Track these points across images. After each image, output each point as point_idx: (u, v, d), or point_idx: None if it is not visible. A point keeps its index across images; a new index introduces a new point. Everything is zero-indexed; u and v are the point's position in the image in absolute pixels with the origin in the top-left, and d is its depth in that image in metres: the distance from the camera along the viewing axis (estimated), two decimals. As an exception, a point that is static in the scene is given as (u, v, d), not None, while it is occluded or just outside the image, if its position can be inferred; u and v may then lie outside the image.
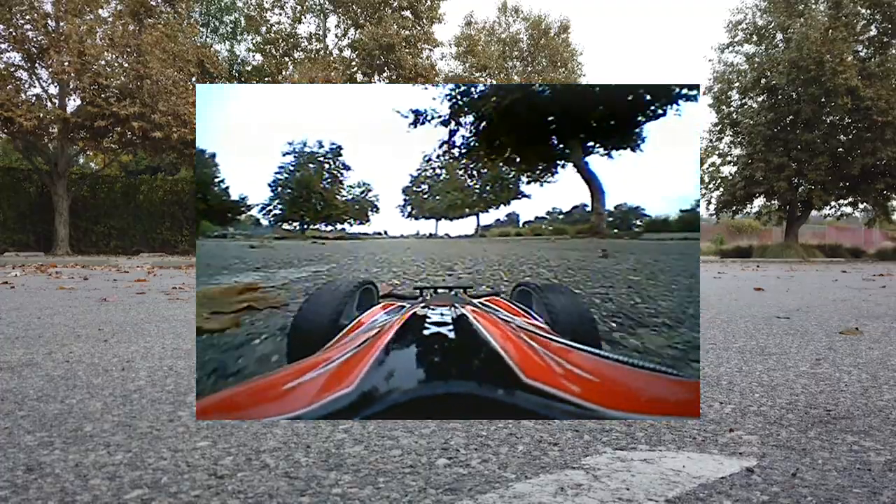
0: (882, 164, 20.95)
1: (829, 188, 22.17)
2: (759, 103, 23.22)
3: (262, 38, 23.26)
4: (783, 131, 22.50)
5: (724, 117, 24.03)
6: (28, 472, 0.99)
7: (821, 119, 21.47)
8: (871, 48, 21.68)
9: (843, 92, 19.99)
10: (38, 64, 15.83)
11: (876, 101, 19.96)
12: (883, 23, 21.12)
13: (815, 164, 21.38)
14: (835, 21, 20.31)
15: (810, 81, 20.55)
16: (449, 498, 0.90)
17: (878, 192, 22.23)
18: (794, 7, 21.68)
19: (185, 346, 2.27)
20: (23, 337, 2.48)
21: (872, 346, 2.36)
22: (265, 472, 1.00)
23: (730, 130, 24.09)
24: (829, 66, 19.79)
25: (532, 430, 1.23)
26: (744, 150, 23.58)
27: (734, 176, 23.92)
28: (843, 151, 21.94)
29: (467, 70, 26.73)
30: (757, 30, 23.03)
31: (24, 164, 18.50)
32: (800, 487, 0.94)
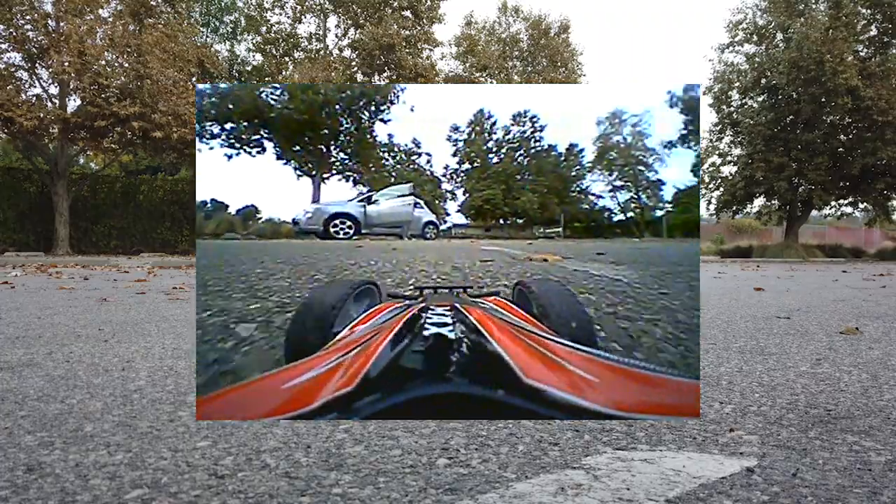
0: (882, 163, 20.96)
1: (829, 188, 22.17)
2: (759, 103, 23.22)
3: (262, 38, 23.26)
4: (783, 131, 22.50)
5: (725, 117, 24.03)
6: (28, 472, 0.99)
7: (821, 119, 21.47)
8: (872, 48, 21.68)
9: (843, 92, 19.99)
10: (39, 64, 15.83)
11: (876, 100, 19.96)
12: (883, 23, 21.11)
13: (816, 163, 21.38)
14: (835, 21, 20.30)
15: (810, 81, 20.55)
16: (449, 498, 0.90)
17: (879, 192, 22.23)
18: (795, 7, 21.69)
19: (185, 346, 2.27)
20: (23, 337, 2.48)
21: (872, 345, 2.36)
22: (265, 472, 1.00)
23: (730, 130, 24.10)
24: (830, 65, 19.79)
25: (532, 430, 1.23)
26: (744, 150, 23.58)
27: (734, 176, 23.92)
28: (843, 151, 21.94)
29: (467, 70, 26.75)
30: (757, 30, 23.03)
31: (24, 164, 18.51)
32: (800, 487, 0.94)
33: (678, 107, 35.18)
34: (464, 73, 26.51)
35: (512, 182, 41.33)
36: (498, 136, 43.10)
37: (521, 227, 42.30)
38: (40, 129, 15.36)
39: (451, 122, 49.72)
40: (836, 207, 24.11)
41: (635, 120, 39.97)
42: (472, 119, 42.84)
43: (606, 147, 38.93)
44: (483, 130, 43.05)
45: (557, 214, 38.17)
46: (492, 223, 43.03)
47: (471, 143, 42.85)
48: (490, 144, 43.04)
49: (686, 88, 34.77)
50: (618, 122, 39.42)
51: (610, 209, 38.78)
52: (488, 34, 28.40)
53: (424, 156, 43.26)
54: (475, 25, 28.21)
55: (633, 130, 38.58)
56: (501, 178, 41.47)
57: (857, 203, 24.05)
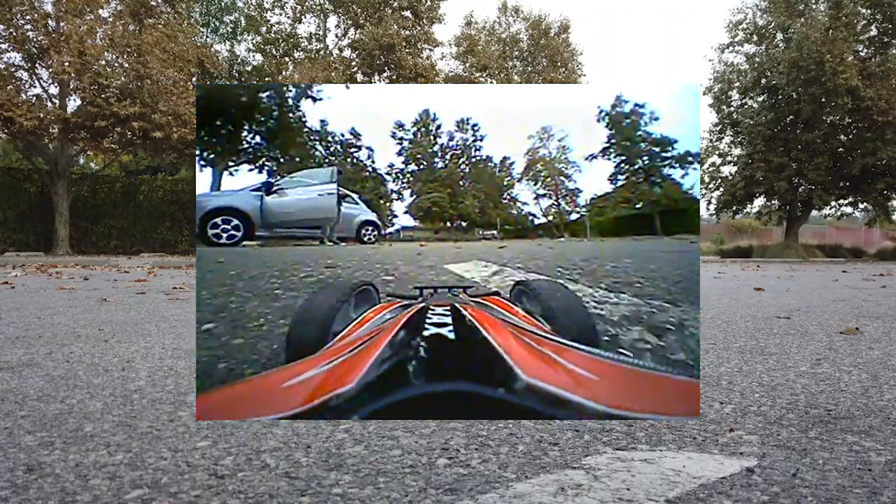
0: (882, 163, 20.96)
1: (829, 188, 22.18)
2: (759, 103, 23.23)
3: (262, 38, 23.26)
4: (783, 131, 22.51)
5: (725, 117, 24.04)
6: (28, 472, 0.99)
7: (821, 119, 21.47)
8: (872, 48, 21.68)
9: (843, 92, 19.99)
10: (39, 64, 15.83)
11: (876, 101, 19.96)
12: (883, 23, 21.11)
13: (816, 163, 21.39)
14: (835, 21, 20.30)
15: (810, 81, 20.56)
16: (449, 498, 0.90)
17: (879, 192, 22.24)
18: (795, 7, 21.69)
19: (185, 346, 2.27)
20: (23, 337, 2.48)
21: (872, 346, 2.36)
22: (265, 472, 1.00)
23: (730, 130, 24.11)
24: (830, 66, 19.79)
25: (532, 430, 1.23)
26: (744, 150, 23.59)
27: (734, 176, 23.93)
28: (843, 151, 21.95)
29: (467, 70, 26.74)
30: (757, 30, 23.03)
31: (25, 164, 18.51)
32: (800, 487, 0.94)
33: (604, 121, 38.87)
34: (464, 73, 26.50)
35: (456, 187, 42.93)
36: (443, 141, 43.91)
37: (465, 230, 45.42)
38: (40, 129, 15.36)
39: (395, 119, 49.85)
40: (836, 207, 24.12)
41: (562, 135, 46.08)
42: (417, 118, 42.71)
43: (535, 160, 44.21)
44: (428, 132, 42.93)
45: (494, 219, 43.24)
46: (440, 226, 44.22)
47: (417, 144, 42.78)
48: (436, 149, 43.50)
49: (614, 104, 38.59)
50: (546, 136, 44.34)
51: (533, 214, 45.04)
52: (488, 34, 28.40)
53: (365, 150, 41.34)
54: (475, 25, 28.21)
55: (559, 145, 43.78)
56: (447, 182, 42.34)
57: (857, 203, 24.06)
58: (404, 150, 43.22)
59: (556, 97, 54.77)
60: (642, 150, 36.92)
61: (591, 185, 62.96)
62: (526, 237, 38.16)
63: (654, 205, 34.01)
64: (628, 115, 37.86)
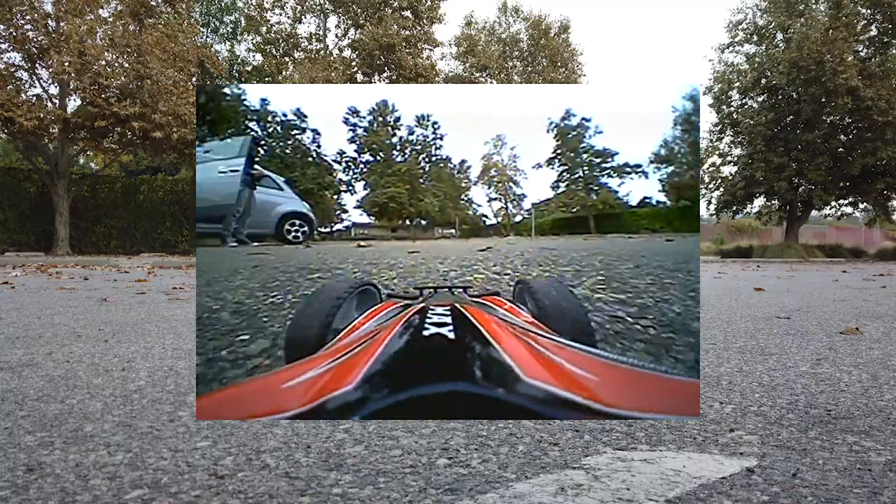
0: (882, 164, 20.96)
1: (829, 188, 22.18)
2: (759, 103, 23.23)
3: (262, 38, 23.27)
4: (783, 131, 22.51)
5: (725, 117, 24.04)
6: (28, 472, 0.99)
7: (821, 119, 21.47)
8: (872, 48, 21.68)
9: (843, 92, 19.99)
10: (39, 64, 15.83)
11: (876, 101, 19.96)
12: (883, 23, 21.12)
13: (816, 164, 21.39)
14: (835, 21, 20.31)
15: (810, 81, 20.56)
16: (449, 498, 0.90)
17: (879, 192, 22.24)
18: (795, 7, 21.69)
19: (185, 346, 2.27)
20: (23, 337, 2.48)
21: (873, 346, 2.36)
22: (265, 472, 1.00)
23: (730, 130, 24.10)
24: (830, 66, 19.80)
25: (532, 430, 1.23)
26: (744, 150, 23.59)
27: (734, 176, 23.94)
28: (843, 151, 21.95)
29: (467, 70, 26.75)
30: (757, 30, 23.04)
31: (25, 164, 18.51)
32: (800, 487, 0.94)
33: (552, 132, 42.41)
34: (464, 74, 26.51)
35: (416, 184, 41.54)
36: (402, 135, 42.22)
37: (424, 229, 46.00)
38: (40, 129, 15.37)
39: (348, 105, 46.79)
40: (836, 207, 24.13)
41: (514, 144, 51.92)
42: (374, 107, 40.53)
43: (489, 166, 47.84)
44: (386, 123, 40.82)
45: (453, 218, 45.42)
46: (398, 224, 43.18)
47: (373, 133, 40.43)
48: (395, 140, 41.68)
49: (563, 117, 41.88)
50: (500, 143, 47.95)
51: (486, 215, 48.87)
52: (488, 34, 28.41)
53: (310, 132, 37.13)
54: (475, 25, 28.22)
55: (511, 153, 47.66)
56: (406, 177, 40.39)
57: (857, 203, 24.07)
58: (358, 138, 40.31)
59: (557, 97, 56.37)
60: (584, 160, 41.23)
61: (536, 190, 71.07)
62: (480, 235, 41.14)
63: (591, 209, 39.90)
64: (575, 127, 41.59)
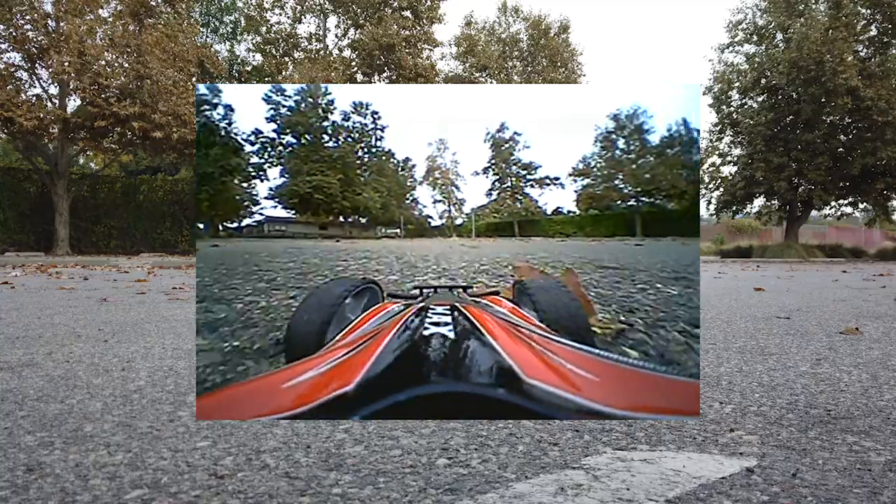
0: (882, 163, 20.96)
1: (829, 188, 22.18)
2: (759, 103, 23.23)
3: (262, 38, 23.26)
4: (783, 131, 22.51)
5: (724, 117, 24.04)
6: (28, 472, 0.99)
7: (821, 119, 21.48)
8: (872, 48, 21.69)
9: (843, 92, 19.99)
10: (38, 64, 15.83)
11: (876, 101, 19.96)
12: (883, 23, 21.12)
13: (815, 164, 21.39)
14: (835, 21, 20.31)
15: (810, 81, 20.56)
16: (449, 498, 0.90)
17: (879, 192, 22.24)
18: (795, 7, 21.69)
19: (185, 346, 2.27)
20: (23, 337, 2.48)
21: (872, 346, 2.36)
22: (265, 472, 1.00)
23: (730, 130, 24.11)
24: (829, 66, 19.79)
25: (532, 430, 1.23)
26: (744, 150, 23.59)
27: (734, 176, 23.93)
28: (843, 151, 21.95)
29: (467, 70, 26.75)
30: (757, 30, 23.04)
31: (24, 164, 18.50)
32: (800, 487, 0.94)
33: (489, 143, 46.46)
34: (464, 74, 26.50)
35: (351, 173, 37.30)
36: (336, 119, 38.11)
37: (364, 227, 44.17)
38: (40, 129, 15.36)
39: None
40: (836, 207, 24.13)
41: (455, 149, 54.53)
42: (302, 88, 35.77)
43: (433, 167, 50.13)
44: (317, 105, 36.25)
45: (397, 217, 45.37)
46: (327, 220, 38.15)
47: (300, 113, 35.55)
48: (326, 124, 37.59)
49: (498, 129, 45.63)
50: (443, 147, 50.52)
51: (431, 216, 51.85)
52: (488, 34, 28.40)
53: (222, 108, 31.03)
54: (475, 25, 28.22)
55: (452, 158, 51.61)
56: (338, 164, 35.49)
57: (857, 203, 24.07)
58: (279, 116, 34.61)
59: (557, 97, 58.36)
60: (513, 171, 45.30)
61: (474, 195, 75.06)
62: (425, 235, 43.80)
63: (516, 215, 45.31)
64: (507, 140, 45.32)
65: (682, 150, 36.55)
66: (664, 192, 36.53)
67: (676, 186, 35.71)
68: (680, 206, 35.75)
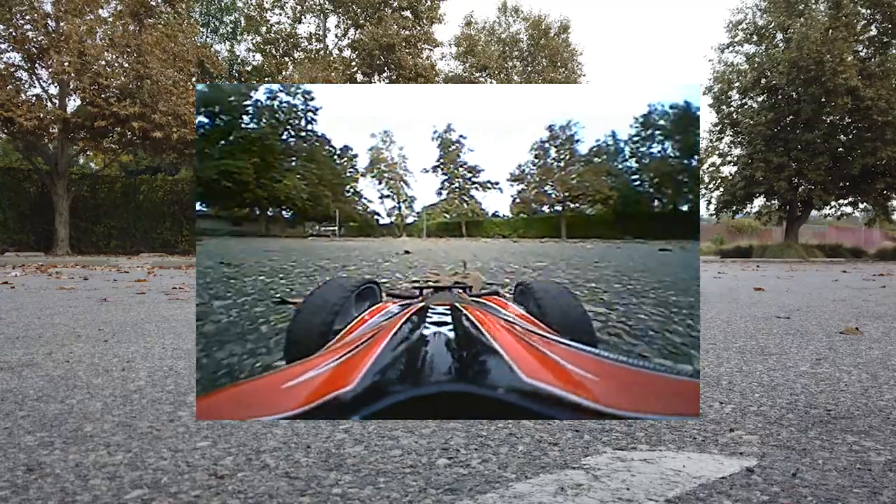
0: (882, 163, 20.97)
1: (829, 188, 22.18)
2: (759, 103, 23.23)
3: (262, 38, 23.26)
4: (783, 131, 22.51)
5: (724, 117, 24.04)
6: (28, 472, 0.99)
7: (821, 119, 21.48)
8: (872, 48, 21.69)
9: (843, 92, 19.99)
10: (38, 64, 15.82)
11: (876, 101, 19.96)
12: (883, 23, 21.12)
13: (815, 163, 21.39)
14: (835, 21, 20.31)
15: (810, 81, 20.56)
16: (449, 498, 0.90)
17: (879, 192, 22.24)
18: (794, 7, 21.69)
19: (185, 346, 2.27)
20: (23, 337, 2.48)
21: (872, 345, 2.36)
22: (265, 472, 1.00)
23: (730, 130, 24.11)
24: (829, 66, 19.79)
25: (532, 430, 1.23)
26: (744, 150, 23.60)
27: (734, 176, 23.93)
28: (843, 151, 21.95)
29: (467, 70, 26.75)
30: (757, 30, 23.04)
31: (24, 164, 18.50)
32: (800, 487, 0.94)
33: (437, 142, 47.33)
34: (464, 74, 26.50)
35: (270, 157, 32.15)
36: (259, 99, 33.26)
37: (291, 223, 37.38)
38: (40, 129, 15.35)
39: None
40: (836, 207, 24.13)
41: (402, 143, 53.92)
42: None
43: (378, 159, 48.47)
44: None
45: (332, 211, 40.11)
46: (240, 213, 32.44)
47: (214, 88, 30.95)
48: (247, 103, 32.99)
49: (446, 129, 46.56)
50: (389, 140, 49.22)
51: (378, 213, 50.02)
52: (488, 34, 28.40)
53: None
54: (475, 25, 28.22)
55: (400, 153, 49.31)
56: (255, 147, 30.31)
57: (857, 203, 24.07)
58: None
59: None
60: (459, 173, 46.43)
61: (424, 194, 75.07)
62: (372, 235, 42.56)
63: (464, 216, 46.92)
64: (455, 141, 46.27)
65: (608, 159, 39.55)
66: (590, 197, 39.19)
67: (601, 192, 38.03)
68: (602, 210, 39.07)
